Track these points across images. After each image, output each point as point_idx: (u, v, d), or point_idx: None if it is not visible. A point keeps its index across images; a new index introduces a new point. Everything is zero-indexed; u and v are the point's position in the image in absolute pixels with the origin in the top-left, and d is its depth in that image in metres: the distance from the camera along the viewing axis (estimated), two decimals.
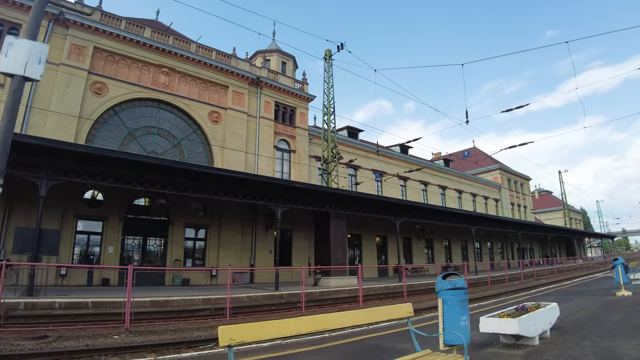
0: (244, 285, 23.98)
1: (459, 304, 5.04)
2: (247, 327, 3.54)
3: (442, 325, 5.03)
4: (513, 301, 15.04)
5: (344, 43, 26.14)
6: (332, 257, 23.35)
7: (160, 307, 16.47)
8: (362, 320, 4.39)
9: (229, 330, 3.38)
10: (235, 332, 3.40)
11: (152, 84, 25.21)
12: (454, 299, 5.05)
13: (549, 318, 7.21)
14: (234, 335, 3.36)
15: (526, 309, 6.84)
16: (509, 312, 6.99)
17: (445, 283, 5.15)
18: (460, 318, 4.98)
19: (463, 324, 4.98)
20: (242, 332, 3.44)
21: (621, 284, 15.03)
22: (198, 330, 11.87)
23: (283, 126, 29.39)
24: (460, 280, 5.19)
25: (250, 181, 19.88)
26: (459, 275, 5.32)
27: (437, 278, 5.33)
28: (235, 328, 3.46)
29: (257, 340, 3.57)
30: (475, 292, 22.38)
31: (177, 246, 24.27)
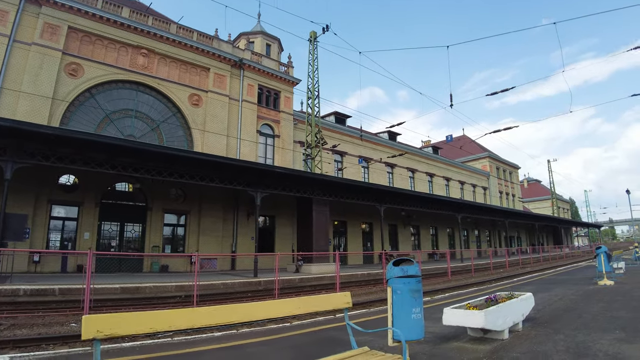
0: (224, 272, 23.33)
1: (410, 294, 4.33)
2: (120, 318, 2.80)
3: (391, 319, 4.34)
4: (493, 289, 14.47)
5: (329, 25, 25.19)
6: (314, 244, 22.71)
7: (131, 293, 15.82)
8: (280, 313, 3.67)
9: (96, 320, 2.64)
10: (103, 322, 2.65)
11: (131, 66, 24.16)
12: (405, 288, 4.34)
13: (521, 310, 6.55)
14: (103, 327, 2.62)
15: (496, 300, 6.16)
16: (477, 303, 6.33)
17: (395, 270, 4.45)
18: (411, 310, 4.28)
19: (415, 317, 4.29)
20: (113, 322, 2.70)
21: (603, 273, 14.47)
22: None
23: (267, 110, 28.46)
24: (413, 267, 4.48)
25: (228, 165, 19.07)
26: (413, 262, 4.62)
27: (388, 265, 4.62)
28: (105, 318, 2.72)
29: (134, 333, 2.83)
30: (458, 280, 21.89)
31: (155, 232, 23.48)
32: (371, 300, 14.00)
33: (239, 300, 15.19)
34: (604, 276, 14.50)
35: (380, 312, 9.79)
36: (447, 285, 19.16)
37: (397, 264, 4.58)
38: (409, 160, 40.74)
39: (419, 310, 4.40)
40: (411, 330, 4.30)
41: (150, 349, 6.15)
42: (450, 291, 16.24)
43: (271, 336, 7.05)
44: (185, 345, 6.39)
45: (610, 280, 14.50)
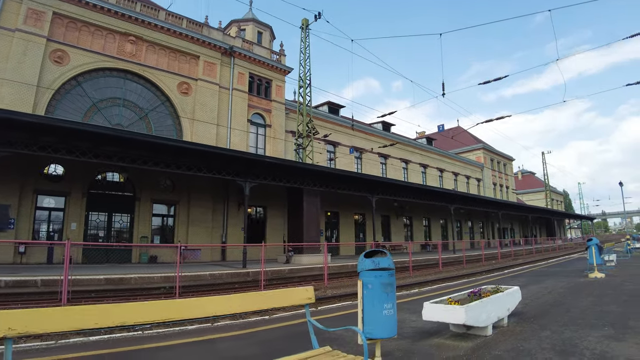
0: (214, 262, 22.97)
1: (382, 288, 3.95)
2: (38, 314, 2.42)
3: (362, 315, 3.97)
4: (483, 282, 14.19)
5: (321, 12, 24.62)
6: (305, 235, 22.38)
7: (115, 285, 15.51)
8: (232, 309, 3.27)
9: (7, 316, 2.27)
10: (17, 319, 2.28)
11: (118, 53, 23.55)
12: (377, 282, 3.96)
13: (506, 304, 6.20)
14: (15, 324, 2.24)
15: (479, 295, 5.81)
16: (460, 297, 5.97)
17: (367, 262, 4.07)
18: (382, 306, 3.90)
19: (387, 314, 3.91)
20: (28, 319, 2.32)
21: (594, 265, 14.19)
22: None
23: (258, 99, 27.90)
24: (385, 259, 4.10)
25: (216, 154, 18.61)
26: (386, 253, 4.24)
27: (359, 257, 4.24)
28: (18, 314, 2.34)
29: (54, 331, 2.44)
30: (450, 271, 21.64)
31: (144, 223, 23.07)
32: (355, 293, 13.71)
33: (224, 291, 14.84)
34: (595, 269, 14.23)
35: None
36: (438, 276, 18.91)
37: (369, 255, 4.20)
38: (402, 151, 40.33)
39: (392, 305, 4.02)
40: (382, 328, 3.94)
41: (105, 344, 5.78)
42: (440, 282, 15.96)
43: (248, 330, 6.70)
44: (150, 339, 6.02)
45: (601, 273, 14.24)
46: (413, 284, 15.87)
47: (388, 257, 4.16)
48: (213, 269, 18.95)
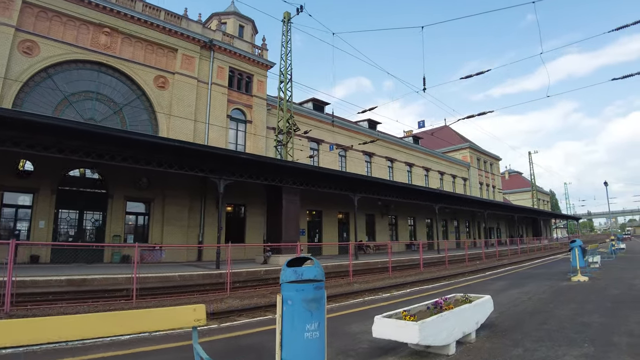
0: (189, 263, 22.00)
1: (304, 305, 3.12)
2: None
3: (280, 338, 3.13)
4: (461, 285, 13.45)
5: (303, 5, 23.73)
6: (284, 234, 21.47)
7: (77, 286, 14.53)
8: (76, 333, 2.40)
9: None
10: None
11: (92, 45, 22.44)
12: (298, 297, 3.13)
13: (475, 317, 5.39)
14: None
15: (440, 307, 4.98)
16: (419, 309, 5.15)
17: (288, 272, 3.24)
18: (304, 327, 3.07)
19: (309, 337, 3.08)
20: None
21: (577, 268, 13.51)
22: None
23: (238, 94, 26.90)
24: (311, 269, 3.27)
25: (188, 150, 17.61)
26: (313, 261, 3.40)
27: (283, 266, 3.40)
28: None
29: None
30: (431, 272, 20.92)
31: (117, 221, 22.00)
32: (334, 295, 12.87)
33: (192, 294, 13.95)
34: (578, 272, 13.56)
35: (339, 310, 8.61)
36: (418, 277, 18.15)
37: (292, 263, 3.35)
38: (387, 149, 39.55)
39: (317, 327, 3.17)
40: (303, 355, 3.09)
41: None
42: (418, 285, 15.21)
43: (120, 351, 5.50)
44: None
45: (585, 276, 13.57)
46: (390, 286, 15.11)
47: (315, 266, 3.31)
48: (185, 269, 18.02)
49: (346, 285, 15.85)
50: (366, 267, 22.25)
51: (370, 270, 21.24)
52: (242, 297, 13.28)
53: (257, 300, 12.64)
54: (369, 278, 18.44)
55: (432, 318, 4.45)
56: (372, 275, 19.49)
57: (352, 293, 13.49)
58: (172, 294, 13.84)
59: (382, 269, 21.84)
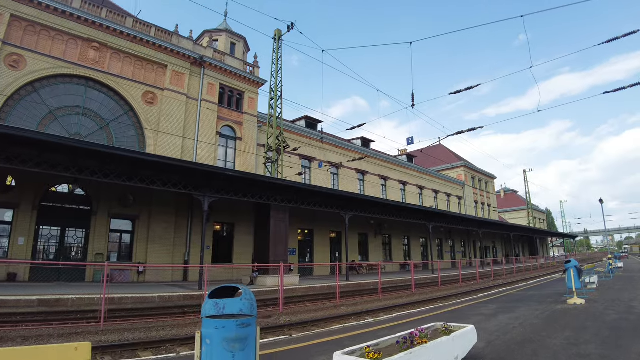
0: (174, 283, 21.16)
1: (225, 346, 2.47)
2: None
3: None
4: (452, 308, 12.71)
5: (294, 23, 23.48)
6: (271, 254, 20.74)
7: (49, 306, 13.84)
8: None
9: None
10: None
11: (80, 60, 22.06)
12: (217, 336, 2.48)
13: (453, 352, 4.72)
14: None
15: (412, 342, 4.30)
16: (387, 343, 4.46)
17: (208, 305, 2.61)
18: None
19: None
20: None
21: (573, 290, 12.80)
22: (39, 339, 9.10)
23: (228, 111, 26.41)
24: (234, 301, 2.62)
25: (171, 166, 17.02)
26: (240, 291, 2.75)
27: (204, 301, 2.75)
28: None
29: None
30: (423, 294, 20.12)
31: (100, 239, 21.24)
32: (317, 320, 12.11)
33: (167, 317, 13.14)
34: (574, 294, 12.86)
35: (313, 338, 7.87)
36: (409, 300, 17.35)
37: (217, 294, 2.70)
38: (381, 167, 39.02)
39: None
40: None
41: None
42: (409, 308, 14.43)
43: None
44: None
45: (581, 298, 12.86)
46: (378, 309, 14.33)
47: (242, 299, 2.67)
48: (166, 290, 17.23)
49: (332, 309, 15.07)
50: (357, 289, 21.44)
51: (360, 292, 20.43)
52: None
53: None
54: (358, 300, 17.64)
55: (399, 356, 3.78)
56: (362, 297, 18.69)
57: (337, 317, 12.72)
58: (148, 316, 13.05)
59: (373, 290, 21.05)
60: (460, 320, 9.79)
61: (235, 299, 2.69)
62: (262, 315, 13.37)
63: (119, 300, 15.34)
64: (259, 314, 13.80)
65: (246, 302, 2.73)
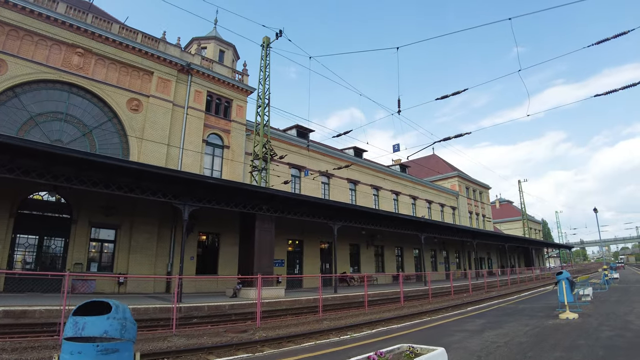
0: (156, 295, 20.31)
1: None
2: None
3: None
4: (436, 323, 11.92)
5: (282, 30, 23.00)
6: (256, 265, 19.92)
7: (15, 318, 13.12)
8: None
9: None
10: None
11: (63, 65, 21.47)
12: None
13: None
14: None
15: None
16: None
17: (68, 324, 1.90)
18: None
19: None
20: None
21: (565, 303, 12.03)
22: None
23: (216, 119, 25.78)
24: (99, 320, 1.91)
25: (149, 173, 16.31)
26: (111, 307, 2.04)
27: None
28: None
29: None
30: (412, 307, 19.31)
31: (80, 248, 20.42)
32: (294, 335, 11.31)
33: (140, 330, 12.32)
34: (567, 308, 12.09)
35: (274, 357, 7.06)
36: (397, 313, 16.53)
37: (80, 311, 1.98)
38: (373, 177, 38.34)
39: None
40: None
41: None
42: (393, 322, 13.63)
43: None
44: None
45: (574, 312, 12.09)
46: (362, 324, 13.53)
47: (109, 318, 1.99)
48: (144, 302, 16.43)
49: (315, 323, 14.26)
50: (345, 302, 20.62)
51: (349, 304, 19.61)
52: (191, 336, 11.68)
53: (206, 340, 11.05)
54: (343, 314, 16.84)
55: None
56: (349, 310, 17.87)
57: (317, 332, 11.94)
58: None
59: (361, 303, 20.22)
60: (441, 338, 9.03)
61: (99, 318, 1.99)
62: (237, 330, 12.57)
63: None
64: (233, 328, 12.99)
65: (114, 322, 2.04)
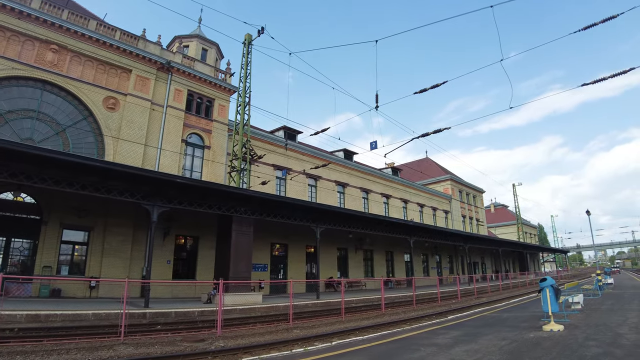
0: (129, 299, 19.14)
1: None
2: None
3: None
4: (406, 335, 10.81)
5: (264, 27, 22.00)
6: (232, 270, 18.83)
7: None
8: None
9: None
10: None
11: (37, 62, 20.49)
12: None
13: None
14: None
15: None
16: None
17: None
18: None
19: None
20: None
21: (550, 313, 10.87)
22: None
23: (197, 118, 24.73)
24: None
25: (114, 171, 15.25)
26: None
27: None
28: None
29: None
30: (396, 314, 18.18)
31: (49, 250, 19.35)
32: (256, 345, 10.21)
33: (82, 337, 11.15)
34: (551, 318, 10.93)
35: None
36: (375, 322, 15.40)
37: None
38: (362, 180, 37.23)
39: None
40: None
41: None
42: (366, 332, 12.50)
43: None
44: None
45: (560, 323, 10.94)
46: (332, 333, 12.42)
47: None
48: (109, 307, 15.37)
49: (283, 332, 13.14)
50: (325, 308, 19.49)
51: (329, 311, 18.43)
52: (142, 344, 10.58)
53: (155, 350, 9.96)
54: (320, 322, 15.70)
55: None
56: (327, 318, 16.71)
57: (279, 343, 10.83)
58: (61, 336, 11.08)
59: (347, 309, 19.14)
60: (402, 354, 7.89)
61: None
62: (193, 339, 11.47)
63: (46, 318, 13.50)
64: (192, 337, 11.89)
65: None
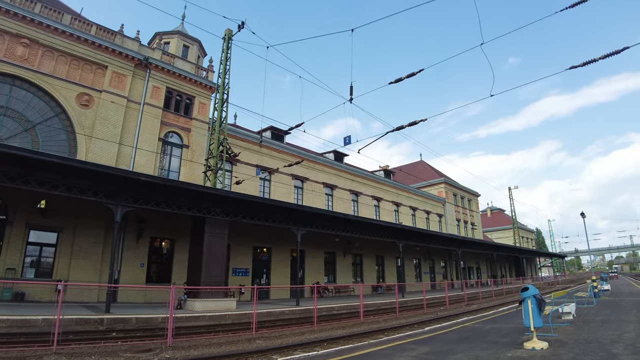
0: (92, 304, 18.03)
1: None
2: None
3: None
4: (370, 349, 9.61)
5: (244, 21, 20.96)
6: (204, 274, 17.63)
7: None
8: None
9: None
10: None
11: (6, 56, 19.44)
12: None
13: None
14: None
15: None
16: None
17: None
18: None
19: None
20: None
21: (532, 329, 9.48)
22: None
23: (175, 116, 23.63)
24: None
25: (72, 167, 14.14)
26: None
27: None
28: None
29: None
30: (375, 323, 16.95)
31: (14, 252, 18.19)
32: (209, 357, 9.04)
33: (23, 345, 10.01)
34: (534, 335, 9.55)
35: None
36: (351, 331, 14.20)
37: None
38: (352, 182, 36.04)
39: None
40: None
41: None
42: (340, 343, 11.33)
43: None
44: None
45: (543, 340, 9.51)
46: (296, 344, 11.23)
47: None
48: (68, 312, 14.17)
49: (244, 343, 11.96)
50: (303, 316, 18.25)
51: (306, 319, 17.21)
52: (76, 355, 9.43)
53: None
54: (291, 331, 14.51)
55: None
56: (302, 327, 15.50)
57: (233, 356, 9.70)
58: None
59: (326, 317, 17.95)
60: None
61: None
62: (139, 349, 10.29)
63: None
64: (138, 347, 10.71)
65: None
